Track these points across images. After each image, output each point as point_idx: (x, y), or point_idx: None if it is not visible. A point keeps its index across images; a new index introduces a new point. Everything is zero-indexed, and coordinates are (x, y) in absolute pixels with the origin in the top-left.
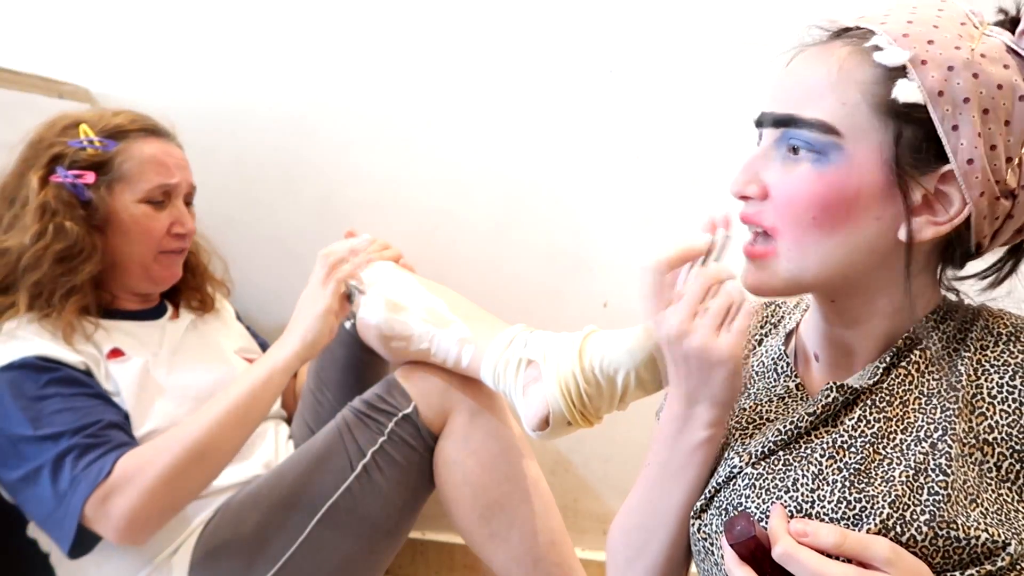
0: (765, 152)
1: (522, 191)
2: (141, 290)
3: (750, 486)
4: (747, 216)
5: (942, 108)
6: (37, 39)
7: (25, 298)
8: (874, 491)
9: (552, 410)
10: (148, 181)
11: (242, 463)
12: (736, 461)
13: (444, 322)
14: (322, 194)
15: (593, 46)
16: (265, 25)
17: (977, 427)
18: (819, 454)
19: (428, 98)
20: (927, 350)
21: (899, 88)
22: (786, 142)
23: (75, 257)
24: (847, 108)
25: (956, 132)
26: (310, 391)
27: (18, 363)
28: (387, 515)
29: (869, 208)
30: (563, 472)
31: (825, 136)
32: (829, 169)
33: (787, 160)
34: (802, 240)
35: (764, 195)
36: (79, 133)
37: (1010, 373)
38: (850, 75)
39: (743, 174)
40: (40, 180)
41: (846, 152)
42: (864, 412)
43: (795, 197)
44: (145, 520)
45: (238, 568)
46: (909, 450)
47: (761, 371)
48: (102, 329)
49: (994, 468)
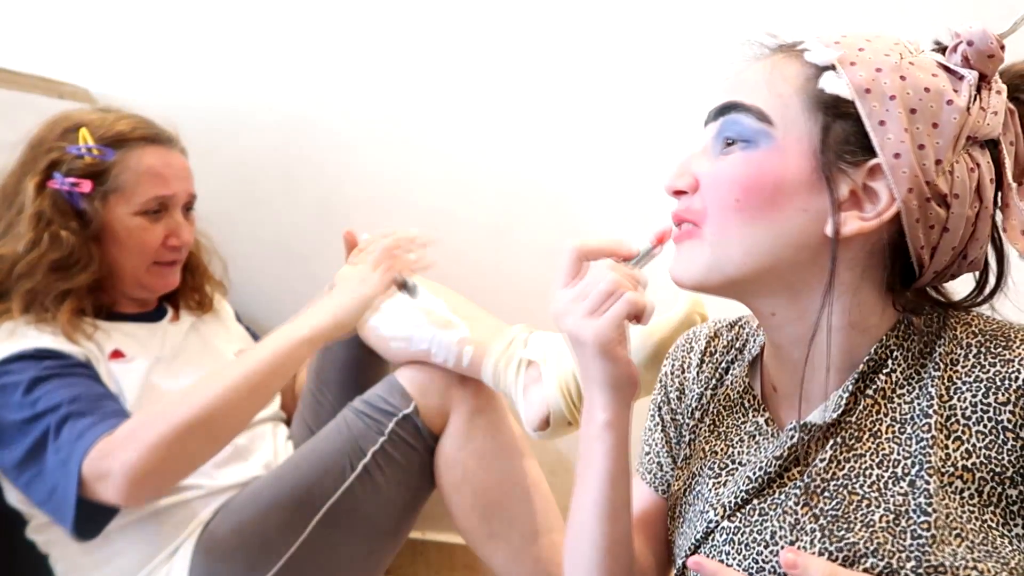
0: (704, 149)
1: (522, 191)
2: (136, 296)
3: (728, 541)
4: (679, 212)
5: (869, 103)
6: (37, 39)
7: (19, 304)
8: (855, 538)
9: (552, 410)
10: (144, 193)
11: (242, 464)
12: (711, 515)
13: (444, 323)
14: (322, 194)
15: (593, 46)
16: (265, 25)
17: (954, 453)
18: (792, 501)
19: (428, 98)
20: (892, 374)
21: (825, 79)
22: (722, 136)
23: (70, 267)
24: (781, 100)
25: (883, 127)
26: (310, 391)
27: (16, 355)
28: (387, 515)
29: (794, 197)
30: (563, 472)
31: (758, 123)
32: (756, 155)
33: (720, 153)
34: (725, 224)
35: (695, 187)
36: (79, 138)
37: (983, 390)
38: (783, 71)
39: (676, 169)
40: (37, 186)
41: (775, 140)
42: (835, 452)
43: (721, 179)
44: (146, 476)
45: (238, 569)
46: (887, 489)
47: (728, 406)
48: (101, 331)
49: (976, 494)
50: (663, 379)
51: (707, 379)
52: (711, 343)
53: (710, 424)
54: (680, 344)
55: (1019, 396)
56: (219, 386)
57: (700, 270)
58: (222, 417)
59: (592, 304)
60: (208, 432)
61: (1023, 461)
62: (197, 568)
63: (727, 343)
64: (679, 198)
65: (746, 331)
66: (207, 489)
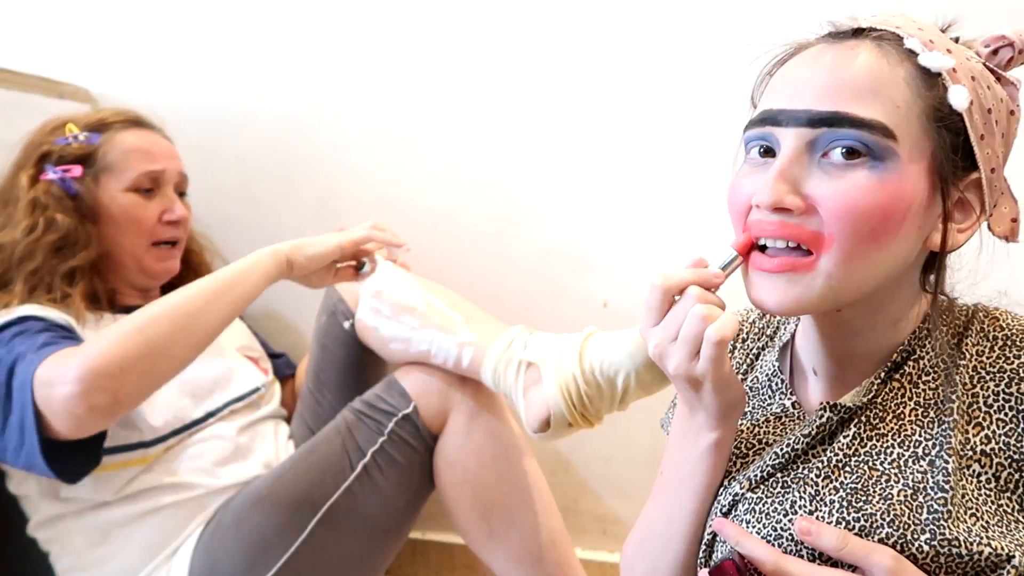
0: (796, 157)
1: (522, 191)
2: (138, 284)
3: (750, 511)
4: (786, 231)
5: (973, 117)
6: (37, 39)
7: (23, 286)
8: (873, 509)
9: (553, 411)
10: (133, 169)
11: (242, 463)
12: (736, 488)
13: (443, 323)
14: (322, 194)
15: (593, 46)
16: (265, 25)
17: (974, 438)
18: (815, 474)
19: (428, 98)
20: (920, 360)
21: (953, 94)
22: (825, 146)
23: (70, 248)
24: (901, 111)
25: (984, 141)
26: (310, 392)
27: (2, 324)
28: (387, 515)
29: (915, 218)
30: (563, 472)
31: (884, 140)
32: (888, 177)
33: (825, 167)
34: (853, 254)
35: (807, 208)
36: (66, 131)
37: (1006, 380)
38: (897, 75)
39: (781, 183)
40: (30, 179)
41: (901, 159)
42: (858, 430)
43: (856, 208)
44: (103, 368)
45: (238, 568)
46: (907, 467)
47: (757, 388)
48: (109, 322)
49: (993, 479)
50: None
51: (738, 364)
52: (743, 330)
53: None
54: None
55: None
56: (183, 292)
57: (813, 301)
58: (186, 315)
59: (691, 347)
60: (172, 327)
61: None
62: (197, 567)
63: (759, 330)
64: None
65: (777, 319)
66: (207, 488)
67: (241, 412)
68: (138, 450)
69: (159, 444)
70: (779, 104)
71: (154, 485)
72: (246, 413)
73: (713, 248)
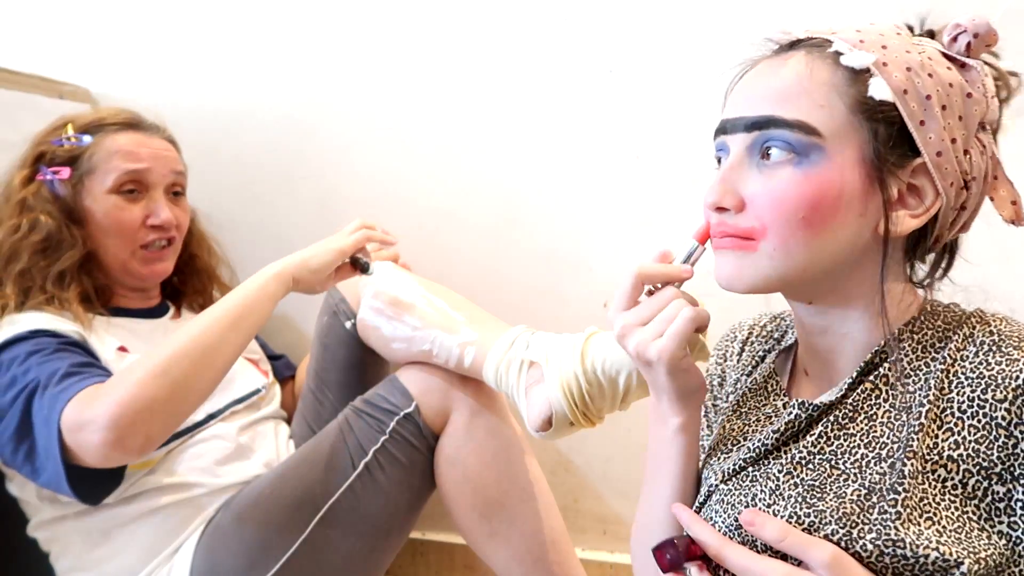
0: (739, 161)
1: (522, 191)
2: (131, 285)
3: (720, 501)
4: (725, 229)
5: (909, 105)
6: (37, 39)
7: (13, 289)
8: (824, 506)
9: (555, 411)
10: (116, 169)
11: (243, 462)
12: (712, 480)
13: (445, 323)
14: (322, 194)
15: (593, 46)
16: (265, 25)
17: (942, 443)
18: (777, 470)
19: (428, 98)
20: (898, 363)
21: (874, 86)
22: (759, 147)
23: (54, 249)
24: (825, 109)
25: (924, 127)
26: (311, 391)
27: (12, 339)
28: (389, 514)
29: (852, 204)
30: (563, 472)
31: (807, 137)
32: (813, 170)
33: (762, 167)
34: (789, 241)
35: (741, 206)
36: (63, 132)
37: (983, 386)
38: (820, 77)
39: (721, 184)
40: (23, 179)
41: (827, 152)
42: (825, 428)
43: (783, 199)
44: (132, 415)
45: (240, 567)
46: (868, 468)
47: (754, 389)
48: (105, 324)
49: (959, 485)
50: (709, 367)
51: (745, 366)
52: (752, 332)
53: (735, 405)
54: (726, 334)
55: (1017, 395)
56: (198, 325)
57: (758, 280)
58: (203, 351)
59: (658, 327)
60: (192, 366)
61: (1012, 459)
62: (198, 566)
63: (767, 333)
64: (720, 213)
65: (786, 323)
66: (208, 488)
67: (241, 413)
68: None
69: (162, 448)
70: (727, 114)
71: (155, 485)
72: (246, 414)
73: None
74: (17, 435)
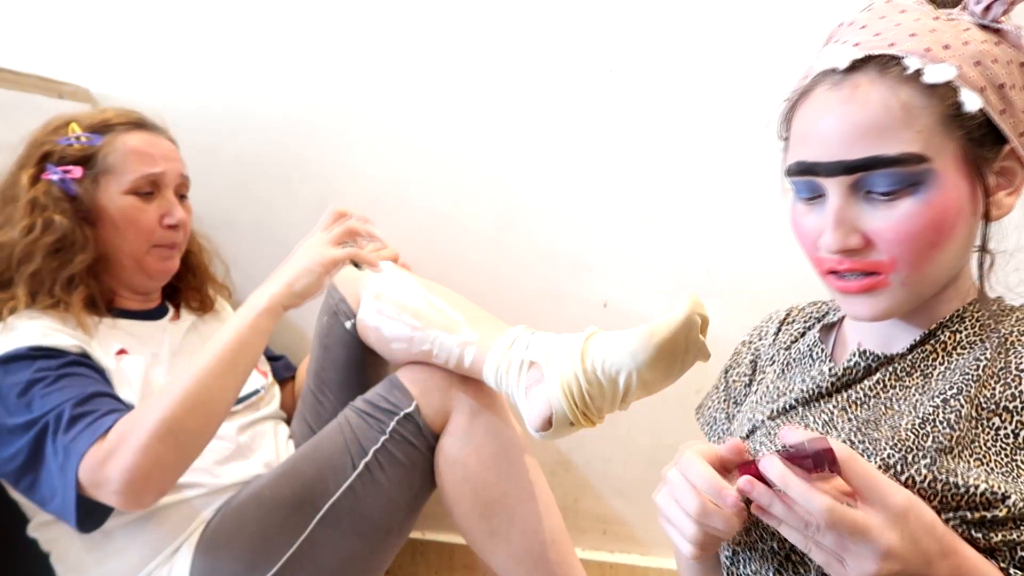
0: (845, 202)
1: (522, 191)
2: (137, 285)
3: (767, 434)
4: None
5: (989, 99)
6: (37, 39)
7: (24, 291)
8: (879, 435)
9: (555, 411)
10: (133, 171)
11: (243, 463)
12: (759, 416)
13: (445, 323)
14: (322, 194)
15: (593, 46)
16: (265, 25)
17: (999, 394)
18: (832, 406)
19: (428, 99)
20: (957, 333)
21: (967, 100)
22: (867, 185)
23: (67, 249)
24: (923, 135)
25: (1005, 115)
26: (310, 391)
27: (11, 355)
28: (389, 514)
29: (965, 210)
30: (563, 472)
31: (917, 166)
32: (931, 194)
33: (875, 202)
34: (918, 265)
35: (867, 243)
36: (68, 131)
37: None
38: (907, 101)
39: (839, 229)
40: (31, 178)
41: (936, 172)
42: (883, 377)
43: (912, 232)
44: (145, 478)
45: (239, 567)
46: (922, 406)
47: (798, 358)
48: (107, 326)
49: (1012, 435)
50: (738, 347)
51: (783, 342)
52: (789, 316)
53: (779, 371)
54: (763, 318)
55: None
56: (194, 374)
57: (896, 309)
58: (204, 403)
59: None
60: (195, 418)
61: None
62: (198, 566)
63: (807, 315)
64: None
65: (828, 306)
66: (208, 488)
67: (241, 413)
68: None
69: None
70: (812, 157)
71: None
72: (246, 414)
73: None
74: (23, 468)
